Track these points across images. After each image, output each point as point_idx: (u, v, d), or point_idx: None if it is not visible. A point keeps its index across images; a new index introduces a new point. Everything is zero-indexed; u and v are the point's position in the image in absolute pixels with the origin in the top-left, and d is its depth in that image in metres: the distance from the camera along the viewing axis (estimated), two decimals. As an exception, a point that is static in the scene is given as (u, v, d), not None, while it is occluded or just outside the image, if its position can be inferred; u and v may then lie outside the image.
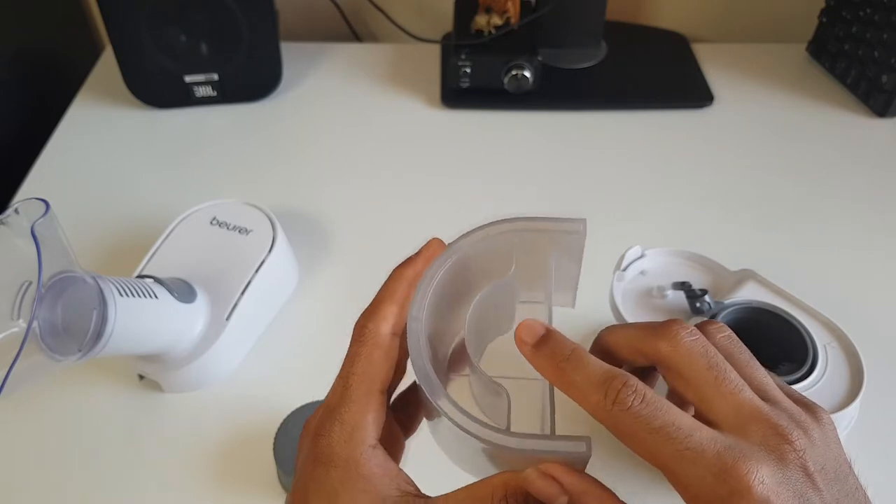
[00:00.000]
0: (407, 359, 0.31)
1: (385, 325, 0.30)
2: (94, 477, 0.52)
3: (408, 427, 0.34)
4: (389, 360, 0.30)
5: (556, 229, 0.30)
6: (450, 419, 0.27)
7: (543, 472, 0.26)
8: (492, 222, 0.31)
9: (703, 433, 0.25)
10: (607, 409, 0.26)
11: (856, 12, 0.83)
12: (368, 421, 0.29)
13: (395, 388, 0.32)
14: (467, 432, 0.26)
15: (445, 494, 0.28)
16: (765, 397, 0.27)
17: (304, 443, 0.30)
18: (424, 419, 0.33)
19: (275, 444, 0.50)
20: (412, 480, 0.30)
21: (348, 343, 0.31)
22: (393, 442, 0.32)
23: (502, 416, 0.30)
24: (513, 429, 0.28)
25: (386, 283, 0.31)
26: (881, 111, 0.82)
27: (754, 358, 0.29)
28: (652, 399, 0.26)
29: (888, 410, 0.54)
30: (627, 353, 0.30)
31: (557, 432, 0.28)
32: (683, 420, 0.25)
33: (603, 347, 0.31)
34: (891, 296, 0.64)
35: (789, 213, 0.72)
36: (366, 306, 0.31)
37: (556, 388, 0.29)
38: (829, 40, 0.88)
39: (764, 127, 0.83)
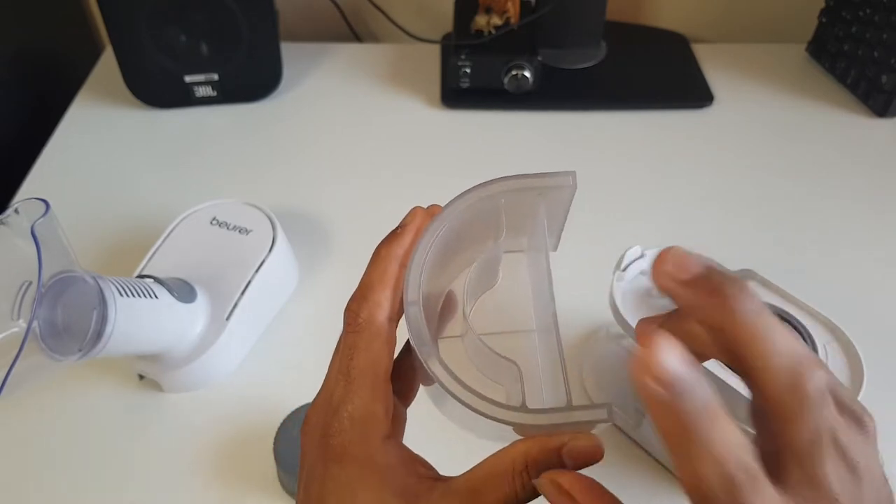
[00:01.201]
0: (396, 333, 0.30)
1: (380, 312, 0.28)
2: (93, 476, 0.52)
3: (405, 396, 0.33)
4: (389, 347, 0.29)
5: (546, 185, 0.30)
6: (467, 405, 0.26)
7: (557, 486, 0.25)
8: (480, 185, 0.30)
9: None
10: (710, 493, 0.22)
11: (855, 12, 0.83)
12: (379, 413, 0.28)
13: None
14: (485, 415, 0.26)
15: (465, 473, 0.27)
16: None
17: (310, 441, 0.29)
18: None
19: (275, 444, 0.50)
20: (428, 463, 0.29)
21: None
22: (395, 417, 0.31)
23: (507, 380, 0.29)
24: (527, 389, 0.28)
25: (373, 263, 0.30)
26: (881, 111, 0.82)
27: None
28: (762, 486, 0.22)
29: (888, 410, 0.54)
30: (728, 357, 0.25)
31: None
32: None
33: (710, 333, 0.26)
34: (890, 295, 0.64)
35: (789, 213, 0.72)
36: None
37: (563, 349, 0.28)
38: (828, 40, 0.88)
39: (764, 127, 0.83)
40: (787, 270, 0.57)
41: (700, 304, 0.25)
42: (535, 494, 0.26)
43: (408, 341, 0.31)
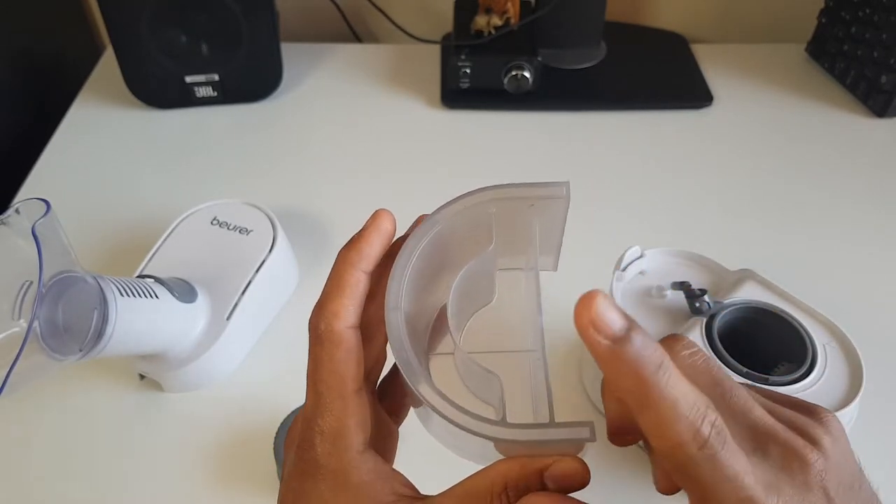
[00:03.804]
0: (385, 345, 0.29)
1: (337, 322, 0.27)
2: (93, 476, 0.52)
3: (397, 413, 0.32)
4: (353, 356, 0.28)
5: (538, 195, 0.28)
6: (444, 417, 0.25)
7: None
8: (469, 192, 0.29)
9: (753, 478, 0.24)
10: (689, 452, 0.23)
11: (855, 13, 0.83)
12: (350, 426, 0.27)
13: (378, 377, 0.31)
14: (464, 429, 0.25)
15: (443, 492, 0.27)
16: (770, 413, 0.27)
17: (289, 454, 0.29)
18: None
19: (275, 444, 0.50)
20: (408, 481, 0.28)
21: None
22: (384, 434, 0.30)
23: (495, 398, 0.28)
24: (506, 406, 0.27)
25: (333, 270, 0.29)
26: (880, 111, 0.82)
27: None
28: (731, 444, 0.24)
29: (887, 410, 0.54)
30: None
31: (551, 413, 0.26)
32: (746, 466, 0.24)
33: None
34: (890, 296, 0.64)
35: (789, 213, 0.72)
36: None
37: (548, 368, 0.27)
38: (828, 41, 0.88)
39: (763, 127, 0.83)
40: (787, 270, 0.57)
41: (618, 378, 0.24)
42: None
43: None
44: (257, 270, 0.59)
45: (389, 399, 0.32)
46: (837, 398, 0.47)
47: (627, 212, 0.72)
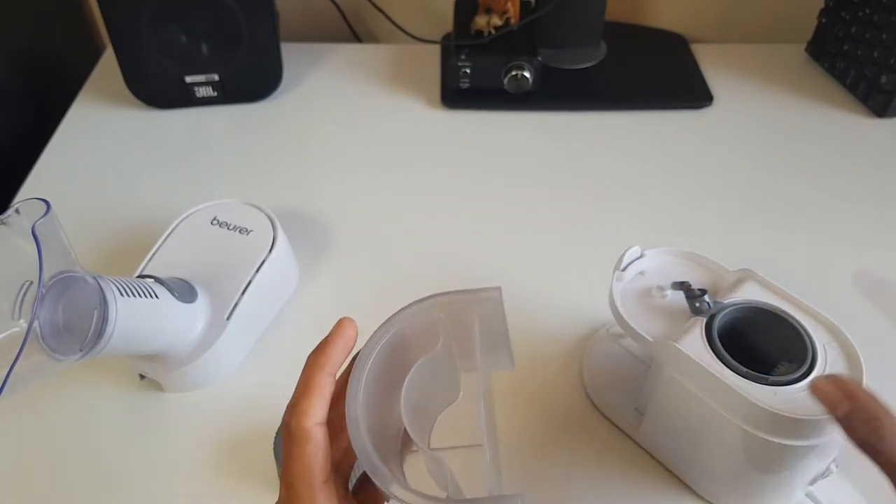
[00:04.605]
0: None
1: (306, 420, 0.31)
2: (93, 476, 0.52)
3: (377, 502, 0.35)
4: (321, 450, 0.31)
5: (474, 299, 0.33)
6: (399, 500, 0.29)
7: None
8: (418, 300, 0.33)
9: None
10: None
11: (855, 13, 0.83)
12: None
13: (349, 469, 0.34)
14: None
15: None
16: None
17: None
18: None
19: (275, 444, 0.50)
20: None
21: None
22: None
23: (446, 483, 0.31)
24: (467, 494, 0.31)
25: (302, 373, 0.32)
26: (880, 111, 0.82)
27: None
28: None
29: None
30: None
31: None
32: None
33: None
34: (891, 296, 0.64)
35: (789, 213, 0.72)
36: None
37: (499, 453, 0.31)
38: (828, 41, 0.88)
39: (763, 127, 0.83)
40: (787, 270, 0.57)
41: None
42: None
43: None
44: (257, 270, 0.59)
45: (370, 493, 0.35)
46: (837, 398, 0.47)
47: (627, 212, 0.72)
